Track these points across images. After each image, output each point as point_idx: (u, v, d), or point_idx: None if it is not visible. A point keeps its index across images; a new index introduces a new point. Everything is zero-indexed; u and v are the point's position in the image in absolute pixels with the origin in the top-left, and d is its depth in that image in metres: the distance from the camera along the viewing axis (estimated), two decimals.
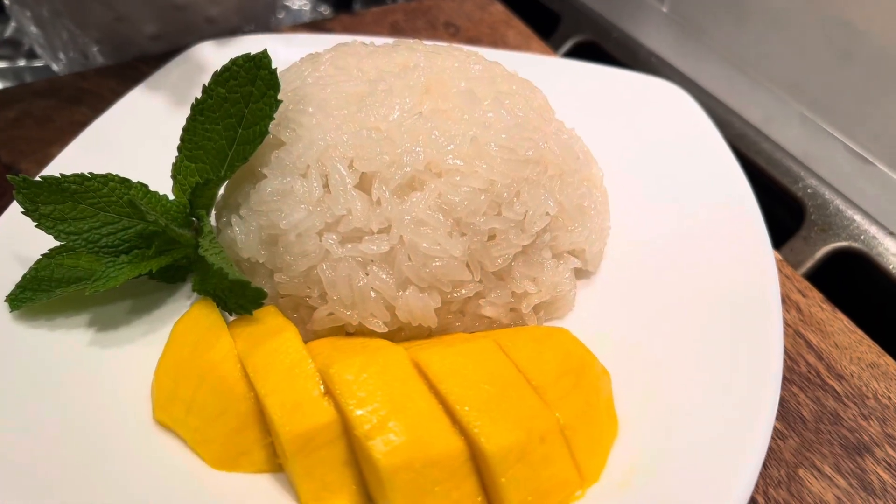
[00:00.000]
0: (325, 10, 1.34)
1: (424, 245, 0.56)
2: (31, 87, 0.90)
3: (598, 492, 0.51)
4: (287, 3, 1.30)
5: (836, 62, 0.89)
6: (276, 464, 0.52)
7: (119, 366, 0.57)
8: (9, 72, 1.13)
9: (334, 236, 0.57)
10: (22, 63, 1.14)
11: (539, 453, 0.49)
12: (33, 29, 0.97)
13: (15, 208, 0.63)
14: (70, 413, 0.53)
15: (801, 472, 0.57)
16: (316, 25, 1.07)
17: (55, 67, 1.03)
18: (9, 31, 1.18)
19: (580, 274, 0.68)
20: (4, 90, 0.91)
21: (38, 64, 1.13)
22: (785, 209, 0.91)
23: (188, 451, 0.52)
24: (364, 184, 0.57)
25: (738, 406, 0.54)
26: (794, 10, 0.93)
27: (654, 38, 1.15)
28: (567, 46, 1.21)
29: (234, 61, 0.58)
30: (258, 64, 0.58)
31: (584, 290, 0.67)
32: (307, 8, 1.33)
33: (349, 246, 0.57)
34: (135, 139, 0.75)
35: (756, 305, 0.61)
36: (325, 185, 0.57)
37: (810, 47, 0.92)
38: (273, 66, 0.58)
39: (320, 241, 0.57)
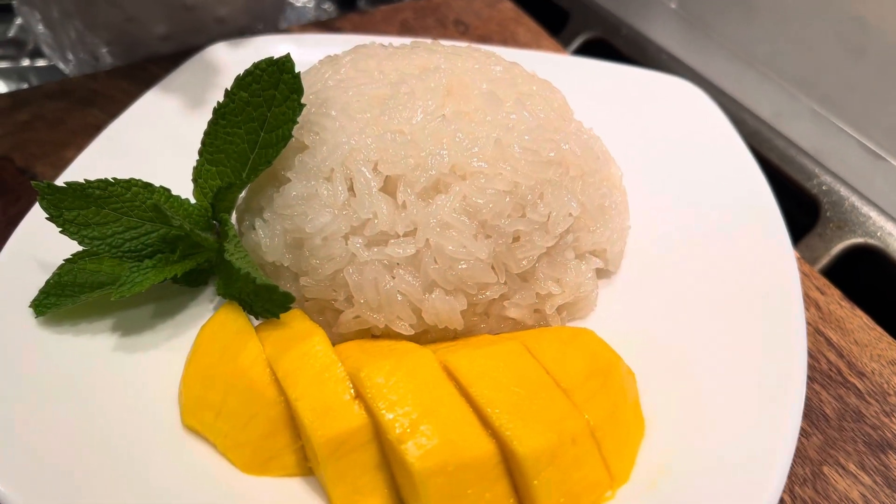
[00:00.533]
0: (329, 6, 1.34)
1: (450, 248, 0.56)
2: (41, 90, 0.89)
3: (628, 492, 0.51)
4: (291, 0, 1.29)
5: (847, 58, 0.89)
6: (306, 468, 0.52)
7: (145, 371, 0.57)
8: (13, 72, 1.11)
9: (360, 240, 0.57)
10: (26, 63, 1.13)
11: (570, 455, 0.49)
12: (42, 29, 0.96)
13: (34, 214, 0.63)
14: (98, 419, 0.53)
15: (825, 469, 0.58)
16: (326, 25, 1.06)
17: (63, 68, 1.02)
18: (12, 31, 1.17)
19: (600, 273, 0.68)
20: (15, 93, 0.90)
21: (41, 64, 1.12)
22: (800, 206, 0.91)
23: (218, 456, 0.53)
24: (389, 187, 0.57)
25: (764, 404, 0.54)
26: (804, 6, 0.93)
27: (663, 35, 1.15)
28: (576, 43, 1.21)
29: (256, 65, 0.58)
30: (281, 68, 0.58)
31: (604, 289, 0.67)
32: (311, 5, 1.33)
33: (375, 249, 0.56)
34: (151, 142, 0.74)
35: (778, 304, 0.61)
36: (350, 189, 0.57)
37: (821, 43, 0.92)
38: (296, 70, 0.58)
39: (346, 244, 0.57)
